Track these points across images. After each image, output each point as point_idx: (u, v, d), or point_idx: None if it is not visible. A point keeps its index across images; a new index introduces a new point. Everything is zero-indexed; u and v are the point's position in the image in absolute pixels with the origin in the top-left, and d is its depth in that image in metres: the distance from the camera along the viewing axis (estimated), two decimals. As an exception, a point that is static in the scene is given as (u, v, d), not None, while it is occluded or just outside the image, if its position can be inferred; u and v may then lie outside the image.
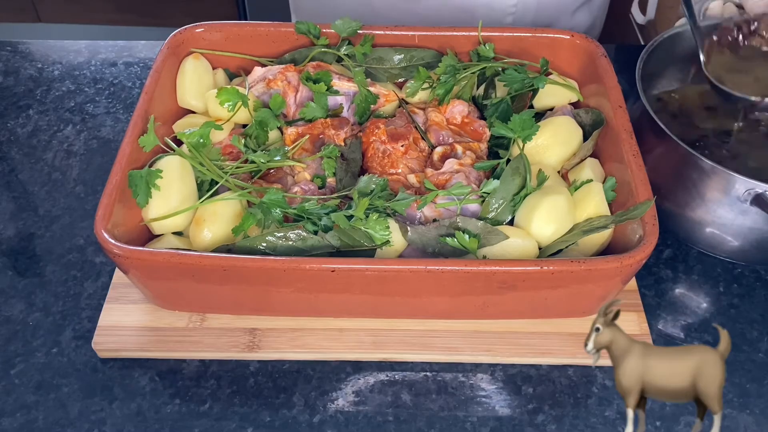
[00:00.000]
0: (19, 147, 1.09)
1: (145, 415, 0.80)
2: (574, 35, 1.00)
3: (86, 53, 1.24)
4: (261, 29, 1.01)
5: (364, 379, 0.83)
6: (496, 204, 0.84)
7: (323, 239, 0.81)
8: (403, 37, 1.01)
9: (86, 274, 0.93)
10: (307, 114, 0.94)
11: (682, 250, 0.96)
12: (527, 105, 0.97)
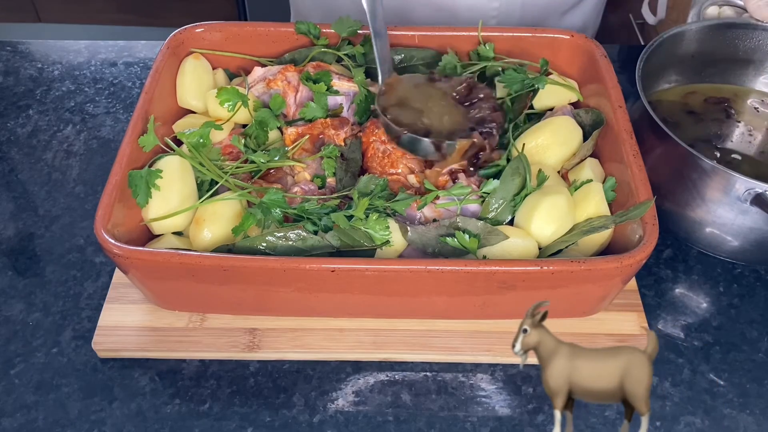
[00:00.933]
0: (19, 147, 1.09)
1: (145, 415, 0.80)
2: (574, 35, 1.00)
3: (86, 53, 1.24)
4: (261, 29, 1.01)
5: (364, 379, 0.83)
6: (496, 204, 0.84)
7: (323, 239, 0.81)
8: (403, 37, 1.01)
9: (86, 274, 0.93)
10: (307, 114, 0.94)
11: (682, 250, 0.96)
12: (527, 105, 0.97)
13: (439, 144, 0.87)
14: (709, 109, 1.03)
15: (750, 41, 1.04)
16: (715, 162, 0.85)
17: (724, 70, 1.07)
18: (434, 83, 0.94)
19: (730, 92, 1.06)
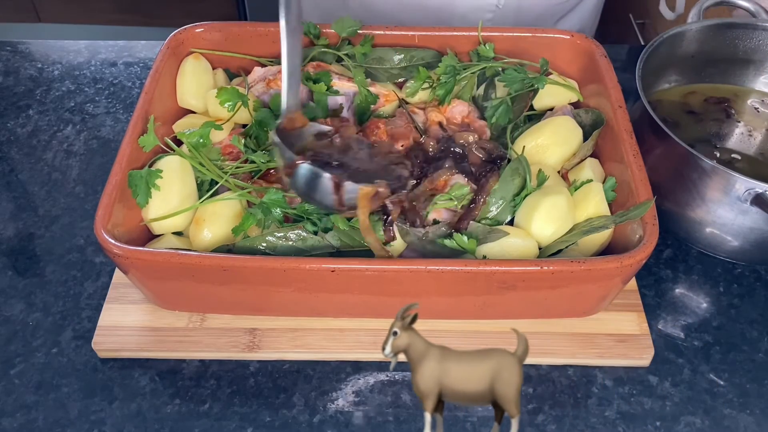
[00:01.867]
0: (19, 147, 1.09)
1: (145, 415, 0.80)
2: (574, 35, 1.00)
3: (86, 53, 1.24)
4: (261, 29, 1.01)
5: (364, 379, 0.83)
6: (496, 204, 0.84)
7: (323, 239, 0.81)
8: (403, 37, 1.01)
9: (86, 274, 0.93)
10: (307, 114, 0.94)
11: (682, 250, 0.96)
12: (527, 105, 0.97)
13: (340, 183, 0.76)
14: (709, 109, 1.03)
15: (750, 41, 1.04)
16: (715, 162, 0.85)
17: (724, 70, 1.07)
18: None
19: (730, 92, 1.06)
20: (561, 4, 1.24)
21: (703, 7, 1.08)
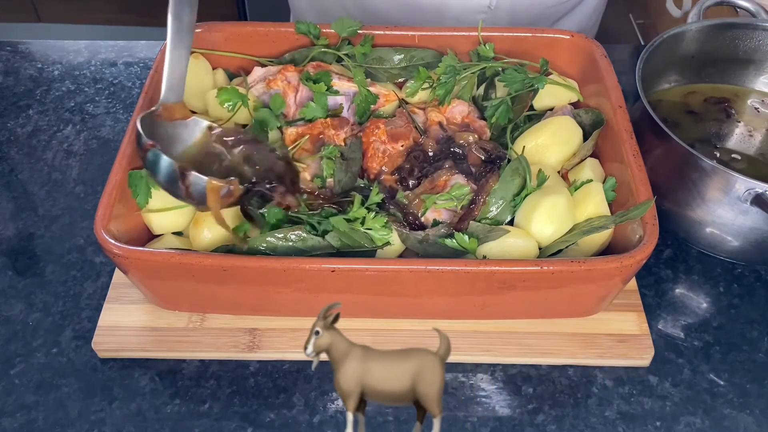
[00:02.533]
0: (19, 147, 1.09)
1: (145, 415, 0.80)
2: (574, 35, 1.00)
3: (86, 53, 1.24)
4: (261, 29, 1.01)
5: (364, 379, 0.83)
6: (496, 204, 0.84)
7: (323, 240, 0.81)
8: (403, 37, 1.01)
9: (86, 274, 0.93)
10: (307, 114, 0.94)
11: (682, 250, 0.96)
12: (527, 105, 0.97)
13: (185, 172, 0.76)
14: (709, 109, 1.03)
15: (750, 41, 1.04)
16: (715, 162, 0.85)
17: (724, 70, 1.07)
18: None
19: (730, 92, 1.06)
20: (555, 6, 1.24)
21: (703, 7, 1.08)
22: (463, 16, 1.20)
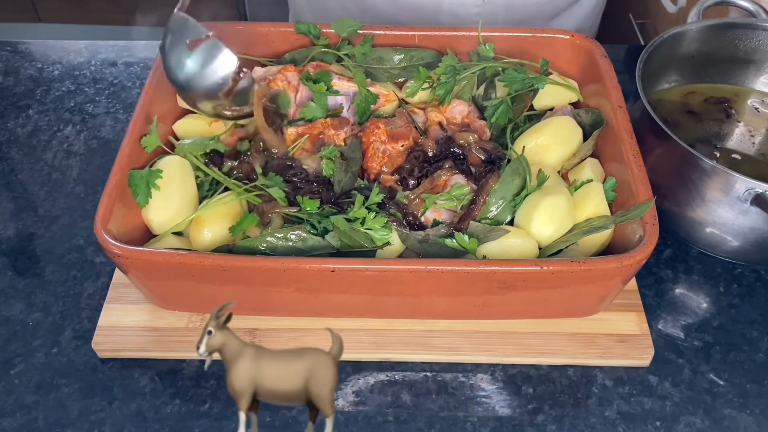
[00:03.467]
0: (19, 147, 1.09)
1: (145, 415, 0.80)
2: (574, 35, 1.00)
3: (86, 53, 1.24)
4: (261, 29, 1.01)
5: (364, 379, 0.83)
6: (496, 204, 0.84)
7: (323, 240, 0.81)
8: (403, 37, 1.01)
9: (86, 274, 0.93)
10: (307, 114, 0.94)
11: (682, 250, 0.96)
12: (527, 105, 0.97)
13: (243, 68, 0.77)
14: (709, 109, 1.03)
15: (750, 41, 1.04)
16: (715, 162, 0.85)
17: (724, 70, 1.07)
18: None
19: (730, 92, 1.06)
20: (551, 2, 1.24)
21: (703, 6, 1.08)
22: (458, 8, 1.20)
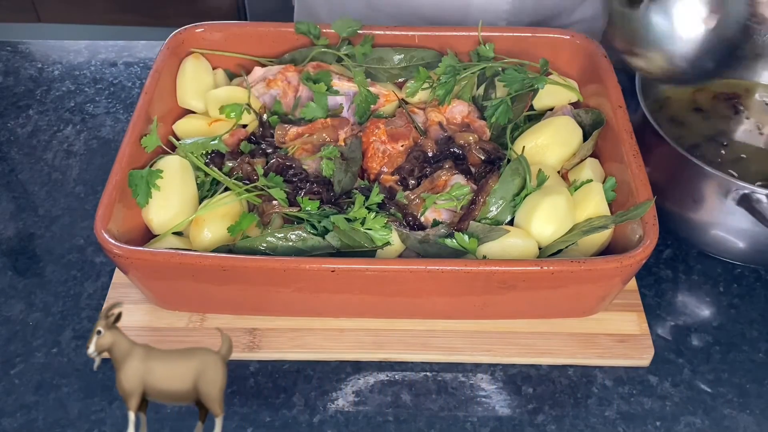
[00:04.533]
0: (19, 147, 1.09)
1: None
2: (574, 35, 1.00)
3: (86, 53, 1.24)
4: (261, 29, 1.01)
5: (364, 379, 0.83)
6: (496, 204, 0.84)
7: (323, 240, 0.81)
8: (403, 37, 1.01)
9: (86, 274, 0.93)
10: (307, 114, 0.94)
11: (682, 250, 0.96)
12: (527, 105, 0.97)
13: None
14: (717, 106, 1.02)
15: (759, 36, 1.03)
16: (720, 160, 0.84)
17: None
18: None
19: (740, 88, 1.04)
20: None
21: None
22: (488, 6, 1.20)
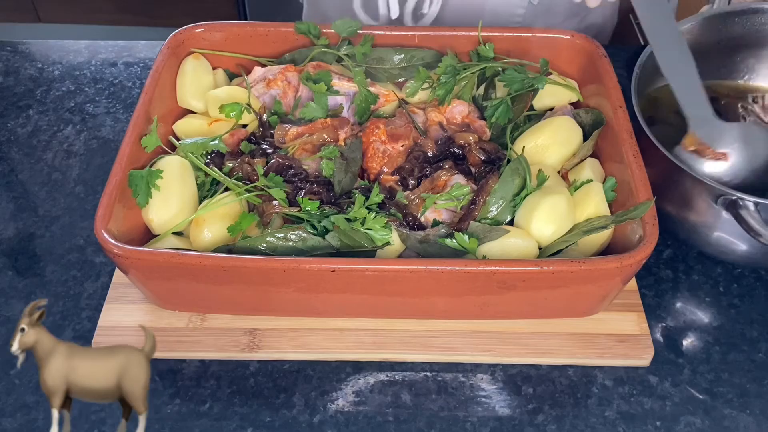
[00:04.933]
0: (19, 147, 1.09)
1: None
2: (574, 35, 1.00)
3: (86, 53, 1.24)
4: (261, 29, 1.01)
5: (364, 379, 0.83)
6: (496, 204, 0.84)
7: (323, 240, 0.81)
8: (403, 37, 1.01)
9: (86, 274, 0.93)
10: (307, 114, 0.94)
11: (682, 250, 0.96)
12: (527, 105, 0.97)
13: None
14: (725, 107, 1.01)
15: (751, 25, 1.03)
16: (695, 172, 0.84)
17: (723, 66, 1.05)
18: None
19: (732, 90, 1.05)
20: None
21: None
22: (502, 9, 1.20)
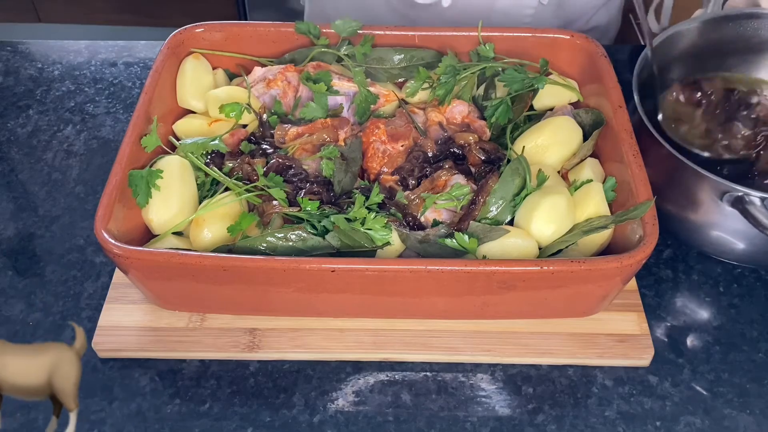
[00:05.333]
0: (19, 147, 1.09)
1: (145, 415, 0.80)
2: (574, 35, 1.00)
3: (86, 53, 1.24)
4: (261, 29, 1.01)
5: (364, 379, 0.83)
6: (496, 204, 0.84)
7: (323, 240, 0.81)
8: (403, 37, 1.01)
9: (86, 274, 0.93)
10: (307, 114, 0.94)
11: (682, 250, 0.96)
12: (527, 105, 0.97)
13: None
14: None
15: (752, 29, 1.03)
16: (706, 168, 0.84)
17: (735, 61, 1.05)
18: None
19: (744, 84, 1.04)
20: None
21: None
22: (511, 10, 1.20)
